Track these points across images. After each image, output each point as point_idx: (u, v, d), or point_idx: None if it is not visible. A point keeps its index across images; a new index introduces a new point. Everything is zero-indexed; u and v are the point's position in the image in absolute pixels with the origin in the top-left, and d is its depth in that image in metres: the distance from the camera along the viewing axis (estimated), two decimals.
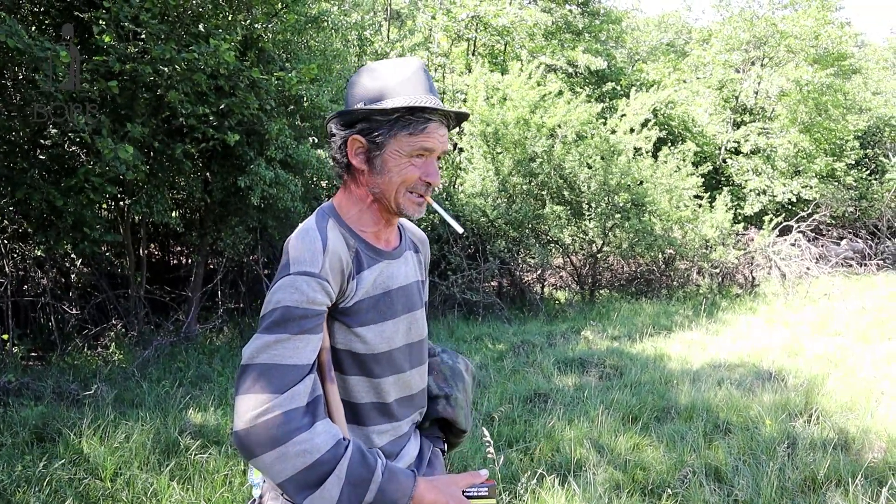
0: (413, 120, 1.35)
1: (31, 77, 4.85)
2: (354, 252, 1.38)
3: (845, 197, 15.57)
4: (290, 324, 1.23)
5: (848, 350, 6.60)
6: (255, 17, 6.14)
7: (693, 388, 5.16)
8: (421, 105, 1.33)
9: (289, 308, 1.24)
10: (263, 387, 1.18)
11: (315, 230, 1.34)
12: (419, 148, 1.36)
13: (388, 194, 1.38)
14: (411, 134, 1.35)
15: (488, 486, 1.33)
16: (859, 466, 3.56)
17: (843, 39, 15.40)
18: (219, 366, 5.72)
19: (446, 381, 1.64)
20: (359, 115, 1.36)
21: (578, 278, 10.57)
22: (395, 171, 1.36)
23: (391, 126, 1.35)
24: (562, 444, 3.91)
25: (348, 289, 1.35)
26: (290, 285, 1.26)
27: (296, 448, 1.16)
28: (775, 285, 10.85)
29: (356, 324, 1.36)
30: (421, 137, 1.35)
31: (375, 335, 1.38)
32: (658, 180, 10.44)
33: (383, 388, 1.42)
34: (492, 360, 6.15)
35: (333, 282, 1.30)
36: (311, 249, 1.30)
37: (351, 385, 1.39)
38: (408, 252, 1.54)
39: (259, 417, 1.16)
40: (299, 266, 1.28)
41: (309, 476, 1.17)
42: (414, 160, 1.37)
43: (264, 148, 6.14)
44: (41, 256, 6.71)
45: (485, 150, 9.68)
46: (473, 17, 12.13)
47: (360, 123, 1.37)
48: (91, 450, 3.63)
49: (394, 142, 1.36)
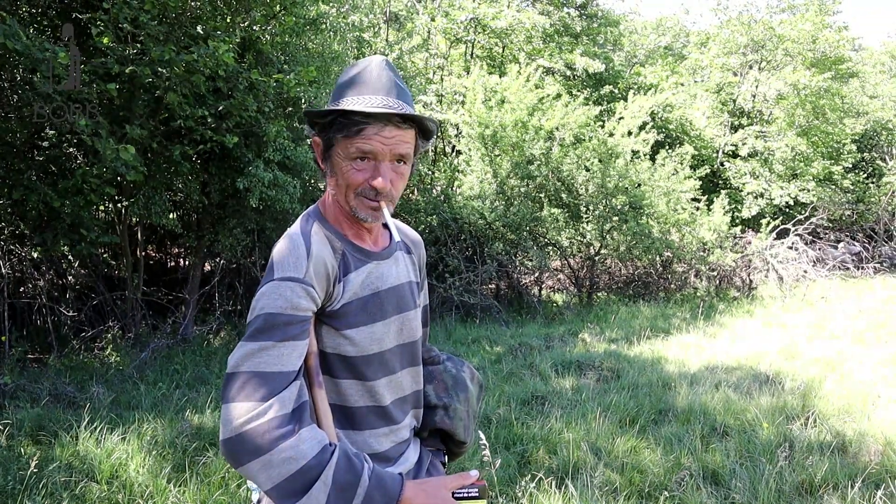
0: (345, 122, 1.30)
1: (29, 78, 4.84)
2: (341, 255, 1.37)
3: (842, 200, 15.62)
4: (274, 331, 1.22)
5: (845, 353, 6.61)
6: (254, 20, 6.14)
7: (690, 390, 5.17)
8: (346, 108, 1.28)
9: (272, 315, 1.23)
10: (249, 395, 1.17)
11: (299, 235, 1.33)
12: (357, 151, 1.30)
13: (341, 197, 1.36)
14: (346, 136, 1.30)
15: (479, 486, 1.31)
16: (856, 470, 3.57)
17: (841, 43, 15.47)
18: (216, 368, 5.72)
19: (447, 390, 1.61)
20: (310, 117, 1.37)
21: (576, 281, 10.57)
22: (340, 174, 1.34)
23: (328, 129, 1.33)
24: (559, 447, 3.91)
25: (335, 292, 1.34)
26: (273, 291, 1.25)
27: (281, 455, 1.15)
28: (772, 288, 10.87)
29: (344, 326, 1.34)
30: (357, 140, 1.29)
31: (365, 337, 1.37)
32: (656, 183, 10.46)
33: (377, 390, 1.41)
34: (489, 363, 6.15)
35: (318, 286, 1.29)
36: (295, 254, 1.29)
37: (343, 389, 1.38)
38: (399, 253, 1.52)
39: (245, 425, 1.15)
40: (283, 271, 1.27)
41: (295, 483, 1.16)
42: (356, 163, 1.31)
43: (262, 150, 6.14)
44: (38, 258, 6.70)
45: (483, 152, 9.69)
46: (472, 20, 12.15)
47: (315, 126, 1.37)
48: (87, 452, 3.62)
49: (337, 145, 1.33)
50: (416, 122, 1.35)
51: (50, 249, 5.67)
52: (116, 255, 7.64)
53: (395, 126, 1.31)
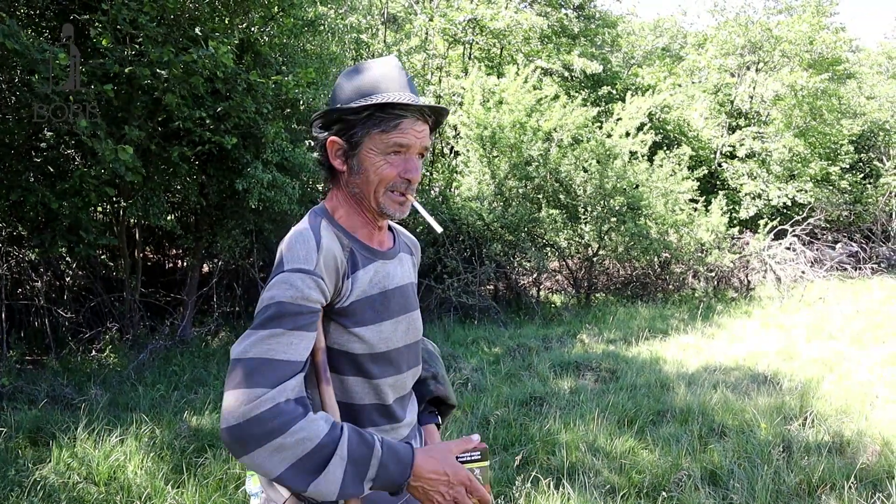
0: (384, 117, 1.34)
1: (27, 80, 4.84)
2: (349, 251, 1.37)
3: (840, 201, 15.64)
4: (284, 319, 1.22)
5: (843, 353, 6.62)
6: (252, 21, 6.14)
7: (688, 391, 5.17)
8: (391, 101, 1.32)
9: (283, 304, 1.23)
10: (257, 381, 1.16)
11: (308, 229, 1.34)
12: (393, 145, 1.35)
13: (367, 194, 1.38)
14: (384, 131, 1.34)
15: (481, 449, 1.37)
16: (854, 470, 3.57)
17: (838, 44, 15.50)
18: (214, 369, 5.71)
19: (426, 362, 1.67)
20: (334, 116, 1.37)
21: (574, 282, 10.58)
22: (372, 170, 1.36)
23: (363, 124, 1.35)
24: (557, 448, 3.91)
25: (343, 288, 1.34)
26: (284, 281, 1.25)
27: (295, 437, 1.15)
28: (770, 289, 10.88)
29: (353, 324, 1.35)
30: (394, 134, 1.34)
31: (374, 335, 1.38)
32: (654, 184, 10.47)
33: (382, 388, 1.42)
34: (488, 364, 6.15)
35: (328, 279, 1.30)
36: (305, 247, 1.29)
37: (349, 385, 1.39)
38: (402, 254, 1.55)
39: (254, 410, 1.14)
40: (293, 263, 1.27)
41: (311, 461, 1.16)
42: (390, 158, 1.36)
43: (260, 151, 6.13)
44: (36, 260, 6.69)
45: (481, 153, 9.69)
46: (470, 21, 12.17)
47: (336, 125, 1.37)
48: (86, 454, 3.62)
49: (368, 140, 1.35)
50: (436, 115, 1.42)
51: (48, 251, 5.66)
52: (114, 257, 7.63)
53: (423, 120, 1.38)
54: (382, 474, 1.22)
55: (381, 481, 1.23)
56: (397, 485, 1.25)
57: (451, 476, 1.28)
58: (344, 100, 1.37)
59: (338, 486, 1.18)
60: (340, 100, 1.38)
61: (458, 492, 1.29)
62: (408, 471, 1.25)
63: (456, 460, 1.32)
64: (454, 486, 1.29)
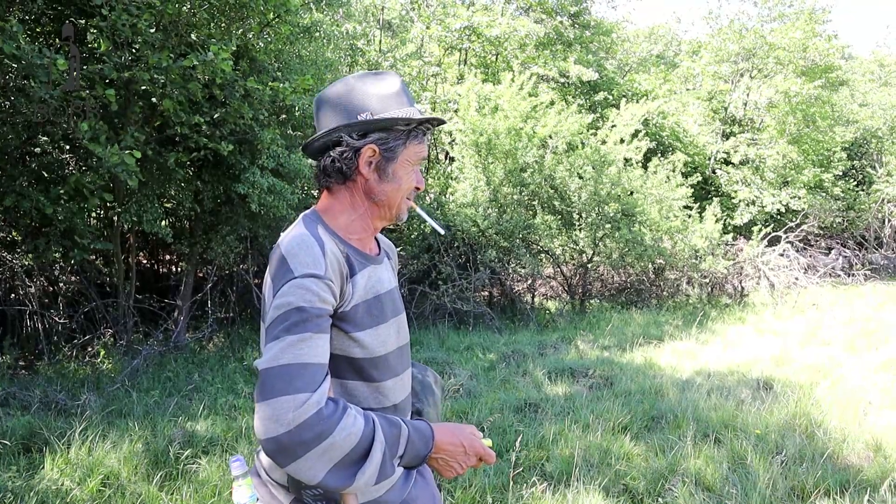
0: (421, 131, 1.45)
1: (22, 85, 4.83)
2: (346, 256, 1.39)
3: (833, 208, 15.71)
4: (308, 323, 1.24)
5: (836, 360, 6.65)
6: (249, 27, 6.15)
7: (683, 397, 5.19)
8: (433, 118, 1.45)
9: (304, 309, 1.24)
10: (298, 387, 1.17)
11: (309, 235, 1.34)
12: (422, 157, 1.47)
13: (394, 201, 1.46)
14: (419, 144, 1.45)
15: None
16: (847, 476, 3.59)
17: (831, 52, 15.59)
18: (208, 375, 5.69)
19: (416, 395, 1.70)
20: (377, 125, 1.39)
21: (569, 288, 10.60)
22: (405, 179, 1.45)
23: (407, 136, 1.42)
24: (552, 454, 3.92)
25: (346, 292, 1.36)
26: (300, 287, 1.25)
27: (343, 434, 1.18)
28: (764, 295, 10.92)
29: (353, 329, 1.37)
30: (422, 148, 1.46)
31: (372, 339, 1.41)
32: (648, 190, 10.51)
33: (384, 392, 1.45)
34: (482, 370, 6.15)
35: (336, 284, 1.32)
36: (311, 253, 1.30)
37: (351, 390, 1.41)
38: (385, 259, 1.58)
39: (301, 416, 1.15)
40: (303, 269, 1.27)
41: (357, 453, 1.21)
42: (415, 168, 1.47)
43: (256, 157, 6.14)
44: (29, 265, 6.66)
45: (476, 159, 9.72)
46: (466, 28, 12.21)
47: (375, 133, 1.40)
48: (79, 460, 3.60)
49: (405, 151, 1.43)
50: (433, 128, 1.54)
51: (42, 256, 5.64)
52: (108, 262, 7.61)
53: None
54: (410, 450, 1.31)
55: (409, 457, 1.32)
56: (422, 457, 1.35)
57: (467, 447, 1.41)
58: (378, 109, 1.40)
59: (377, 469, 1.23)
60: (372, 108, 1.40)
61: (472, 461, 1.43)
62: (430, 443, 1.35)
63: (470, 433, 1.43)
64: (470, 455, 1.41)
